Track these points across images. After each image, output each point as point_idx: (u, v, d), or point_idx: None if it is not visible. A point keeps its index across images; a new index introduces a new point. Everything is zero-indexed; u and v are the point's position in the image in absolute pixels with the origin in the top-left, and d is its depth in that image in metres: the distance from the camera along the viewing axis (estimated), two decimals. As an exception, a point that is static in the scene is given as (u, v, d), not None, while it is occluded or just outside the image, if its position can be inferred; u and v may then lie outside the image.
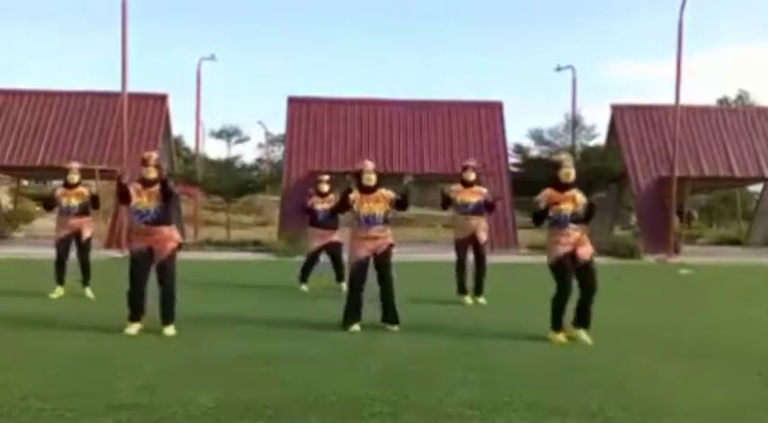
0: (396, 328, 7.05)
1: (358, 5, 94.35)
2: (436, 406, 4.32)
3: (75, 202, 9.28)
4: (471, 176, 9.30)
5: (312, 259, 10.59)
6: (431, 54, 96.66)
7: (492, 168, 21.67)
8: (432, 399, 4.46)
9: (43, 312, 7.85)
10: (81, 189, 9.39)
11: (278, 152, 52.48)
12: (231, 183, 23.54)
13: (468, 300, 9.12)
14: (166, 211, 6.78)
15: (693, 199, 28.09)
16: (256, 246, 19.85)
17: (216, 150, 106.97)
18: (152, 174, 6.74)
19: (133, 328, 6.63)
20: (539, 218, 6.79)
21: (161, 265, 6.70)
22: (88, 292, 9.24)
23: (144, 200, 6.70)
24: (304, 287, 10.40)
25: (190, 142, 39.13)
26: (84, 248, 9.39)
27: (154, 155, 6.97)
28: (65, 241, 9.34)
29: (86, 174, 20.74)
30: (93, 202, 9.45)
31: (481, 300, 9.11)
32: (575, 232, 6.60)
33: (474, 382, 4.93)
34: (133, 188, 6.77)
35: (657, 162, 22.78)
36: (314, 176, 21.62)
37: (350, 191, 7.14)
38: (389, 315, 7.15)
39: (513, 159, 31.08)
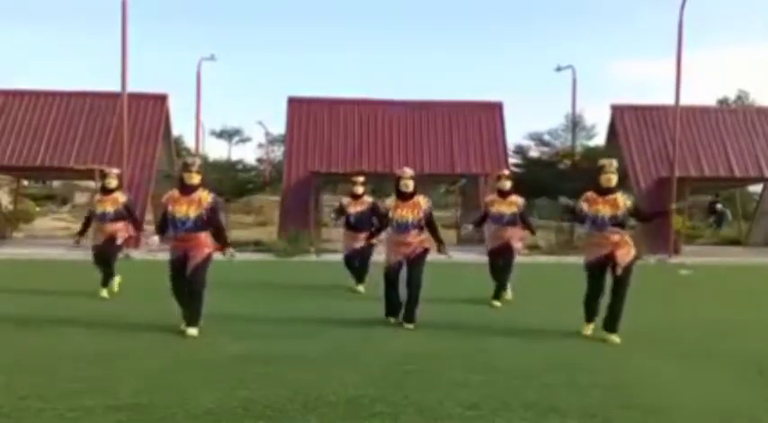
0: (411, 326, 7.11)
1: (358, 5, 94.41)
2: (436, 406, 4.32)
3: (110, 208, 9.30)
4: (507, 185, 9.16)
5: (350, 262, 10.43)
6: (431, 54, 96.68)
7: (492, 169, 21.66)
8: (432, 399, 4.47)
9: (43, 313, 7.85)
10: (116, 195, 9.41)
11: (278, 152, 52.52)
12: (232, 183, 23.55)
13: (508, 296, 9.29)
14: (205, 219, 6.65)
15: (695, 198, 28.07)
16: (256, 246, 19.84)
17: (217, 150, 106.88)
18: (195, 179, 6.64)
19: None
20: (580, 219, 6.97)
21: (193, 268, 6.63)
22: (103, 292, 9.22)
23: (183, 208, 6.58)
24: (360, 288, 10.26)
25: (190, 142, 39.10)
26: (111, 251, 9.43)
27: (198, 161, 6.92)
28: (98, 247, 9.36)
29: (87, 174, 21.02)
30: (128, 212, 9.48)
31: (496, 303, 9.06)
32: (613, 235, 6.65)
33: (474, 382, 4.94)
34: (168, 197, 6.73)
35: (657, 162, 22.76)
36: (313, 176, 21.88)
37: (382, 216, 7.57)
38: (408, 314, 7.20)
39: (513, 160, 31.16)
